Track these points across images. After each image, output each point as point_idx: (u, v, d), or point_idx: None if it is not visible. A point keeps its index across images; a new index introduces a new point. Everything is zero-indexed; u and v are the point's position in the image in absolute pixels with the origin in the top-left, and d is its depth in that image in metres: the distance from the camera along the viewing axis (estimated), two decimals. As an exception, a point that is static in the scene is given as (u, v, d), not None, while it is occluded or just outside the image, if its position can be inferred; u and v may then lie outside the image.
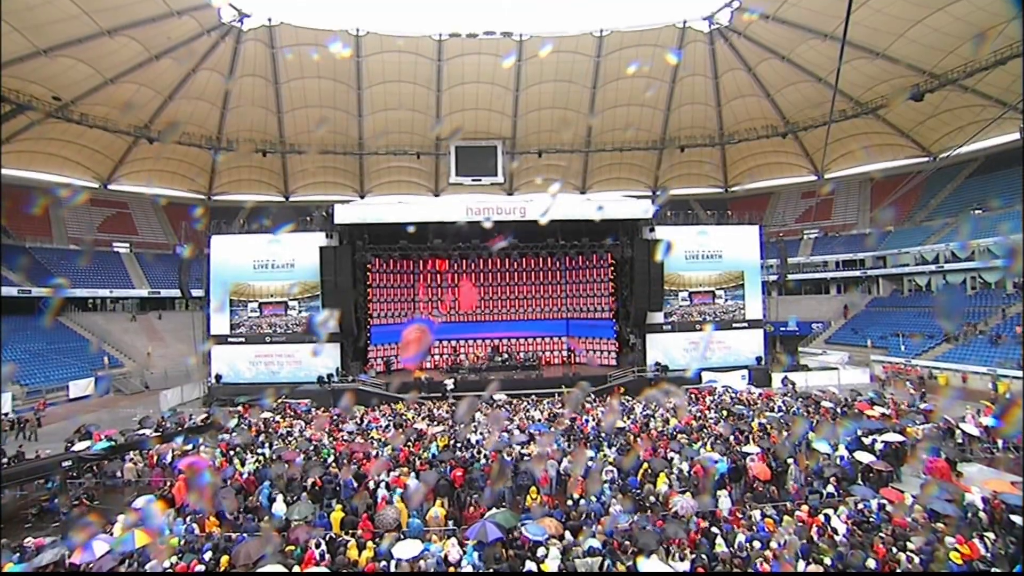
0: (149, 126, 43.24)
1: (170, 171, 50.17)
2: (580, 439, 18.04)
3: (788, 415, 19.86)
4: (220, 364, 28.72)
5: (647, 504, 12.93)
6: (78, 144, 43.69)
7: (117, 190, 49.11)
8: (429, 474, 14.90)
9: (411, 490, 14.28)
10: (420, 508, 13.36)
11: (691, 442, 17.11)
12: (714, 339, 30.70)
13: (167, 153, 47.20)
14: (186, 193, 52.83)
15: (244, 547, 10.63)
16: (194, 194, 53.12)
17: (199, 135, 45.56)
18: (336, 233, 28.22)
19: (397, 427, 20.57)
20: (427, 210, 27.52)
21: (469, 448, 17.72)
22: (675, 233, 30.46)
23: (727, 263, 31.26)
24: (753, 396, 24.18)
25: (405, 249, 27.99)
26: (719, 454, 15.55)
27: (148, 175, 49.53)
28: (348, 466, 16.14)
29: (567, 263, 34.96)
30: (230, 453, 17.80)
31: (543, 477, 15.19)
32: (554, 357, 35.18)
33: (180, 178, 51.49)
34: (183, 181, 51.83)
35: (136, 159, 47.40)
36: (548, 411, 22.52)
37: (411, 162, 52.23)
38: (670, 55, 42.82)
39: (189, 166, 50.24)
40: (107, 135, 42.95)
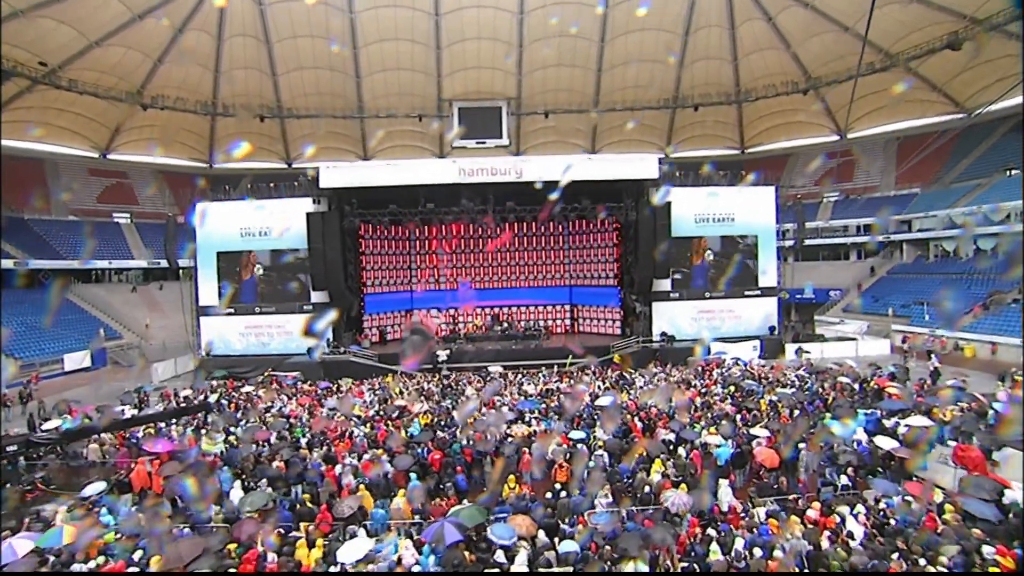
0: (142, 92, 41.60)
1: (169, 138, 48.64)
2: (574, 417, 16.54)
3: (801, 392, 18.10)
4: (210, 336, 27.68)
5: (639, 495, 11.44)
6: (72, 113, 42.23)
7: (117, 159, 47.84)
8: (403, 458, 13.57)
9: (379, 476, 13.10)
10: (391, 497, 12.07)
11: (693, 422, 15.53)
12: (724, 308, 28.78)
13: (163, 121, 45.56)
14: (187, 162, 51.41)
15: (178, 546, 9.37)
16: (195, 162, 51.69)
17: (193, 100, 43.84)
18: (324, 198, 26.56)
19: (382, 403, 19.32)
20: (417, 172, 25.66)
21: (452, 427, 16.39)
22: (684, 195, 28.22)
23: (739, 226, 29.00)
24: (764, 370, 22.41)
25: (395, 214, 26.29)
26: (723, 436, 13.96)
27: (148, 144, 48.22)
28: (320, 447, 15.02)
29: (570, 227, 33.01)
30: (202, 431, 16.72)
31: (525, 461, 13.78)
32: (556, 326, 33.65)
33: (180, 146, 49.97)
34: (183, 149, 50.32)
35: (134, 127, 45.97)
36: (543, 385, 21.06)
37: (413, 125, 49.99)
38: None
39: (188, 133, 48.63)
40: (101, 103, 41.50)
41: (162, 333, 36.00)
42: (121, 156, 48.05)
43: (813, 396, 17.49)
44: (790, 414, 15.99)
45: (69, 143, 45.04)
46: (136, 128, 46.21)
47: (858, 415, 15.04)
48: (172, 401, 21.13)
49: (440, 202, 26.10)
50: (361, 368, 25.32)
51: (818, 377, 20.03)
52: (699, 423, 15.43)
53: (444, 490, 12.54)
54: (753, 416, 15.78)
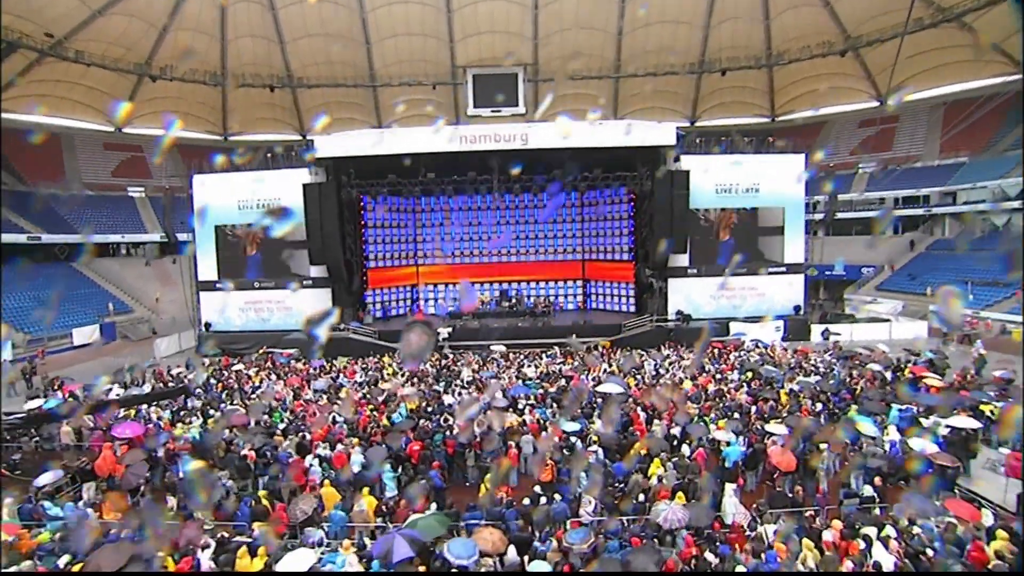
0: (149, 63, 40.63)
1: (182, 111, 47.80)
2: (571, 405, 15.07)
3: (826, 380, 16.21)
4: (209, 311, 26.98)
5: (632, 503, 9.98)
6: (84, 86, 41.72)
7: (131, 133, 47.38)
8: (376, 449, 12.35)
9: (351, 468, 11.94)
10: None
11: (702, 414, 13.91)
12: (745, 285, 26.69)
13: (175, 93, 44.69)
14: (201, 135, 50.64)
15: (103, 552, 8.34)
16: (209, 135, 50.94)
17: (203, 71, 42.75)
18: (321, 169, 25.18)
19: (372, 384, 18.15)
20: (416, 140, 23.96)
21: (442, 412, 15.14)
22: (704, 163, 25.93)
23: (765, 198, 26.61)
24: (786, 354, 20.46)
25: (394, 184, 24.78)
26: (734, 432, 12.33)
27: (162, 116, 47.59)
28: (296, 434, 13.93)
29: (583, 198, 31.03)
30: (181, 414, 15.83)
31: (512, 455, 12.43)
32: (568, 303, 32.03)
33: (193, 119, 49.14)
34: (197, 122, 49.50)
35: (146, 99, 45.21)
36: (544, 367, 19.60)
37: (427, 93, 48.05)
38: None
39: (200, 106, 47.77)
40: (111, 75, 40.79)
41: (172, 307, 35.62)
42: (136, 130, 47.60)
43: (839, 386, 15.62)
44: (812, 406, 14.25)
45: (83, 116, 44.67)
46: (148, 101, 45.52)
47: (891, 410, 13.22)
48: (163, 379, 20.42)
49: (441, 171, 24.48)
50: (360, 346, 24.26)
51: (846, 363, 18.07)
52: (709, 415, 13.81)
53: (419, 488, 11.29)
54: (770, 408, 14.07)
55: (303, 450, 13.02)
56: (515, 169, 22.46)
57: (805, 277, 27.50)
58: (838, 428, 12.64)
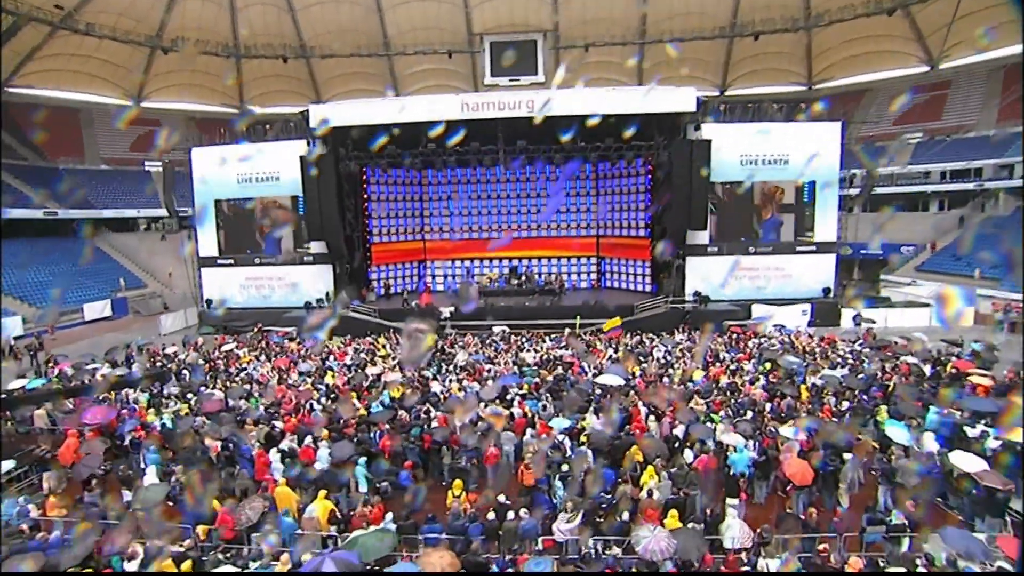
0: (160, 35, 39.78)
1: (198, 84, 47.23)
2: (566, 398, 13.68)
3: (854, 375, 14.35)
4: (211, 288, 26.36)
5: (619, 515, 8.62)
6: (99, 59, 41.26)
7: (150, 107, 46.94)
8: (342, 444, 11.23)
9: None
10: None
11: (711, 411, 12.34)
12: (770, 265, 24.56)
13: (189, 65, 43.94)
14: (218, 108, 49.97)
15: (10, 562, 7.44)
16: (226, 108, 50.21)
17: (214, 42, 41.71)
18: (319, 140, 23.91)
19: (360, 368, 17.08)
20: (415, 109, 22.38)
21: (425, 401, 13.95)
22: (728, 132, 23.65)
23: (795, 170, 24.20)
24: (811, 342, 18.50)
25: (393, 156, 23.34)
26: (744, 435, 10.77)
27: (179, 90, 47.11)
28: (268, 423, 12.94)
29: (598, 171, 29.06)
30: (159, 398, 15.06)
31: (490, 454, 11.17)
32: (581, 281, 30.39)
33: (209, 91, 48.50)
34: (213, 95, 48.82)
35: (161, 73, 44.70)
36: (545, 352, 18.19)
37: (444, 62, 46.14)
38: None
39: (215, 78, 46.92)
40: (125, 49, 40.19)
41: (184, 282, 35.35)
42: (154, 103, 47.16)
43: (869, 381, 13.76)
44: (836, 405, 12.51)
45: (100, 91, 44.40)
46: (164, 74, 45.02)
47: (928, 413, 11.40)
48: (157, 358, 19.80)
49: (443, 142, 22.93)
50: (360, 325, 23.27)
51: (878, 355, 16.08)
52: (718, 413, 12.23)
53: (380, 490, 10.15)
54: (788, 406, 12.37)
55: (272, 442, 12.07)
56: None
57: (836, 257, 25.15)
58: (865, 433, 10.98)
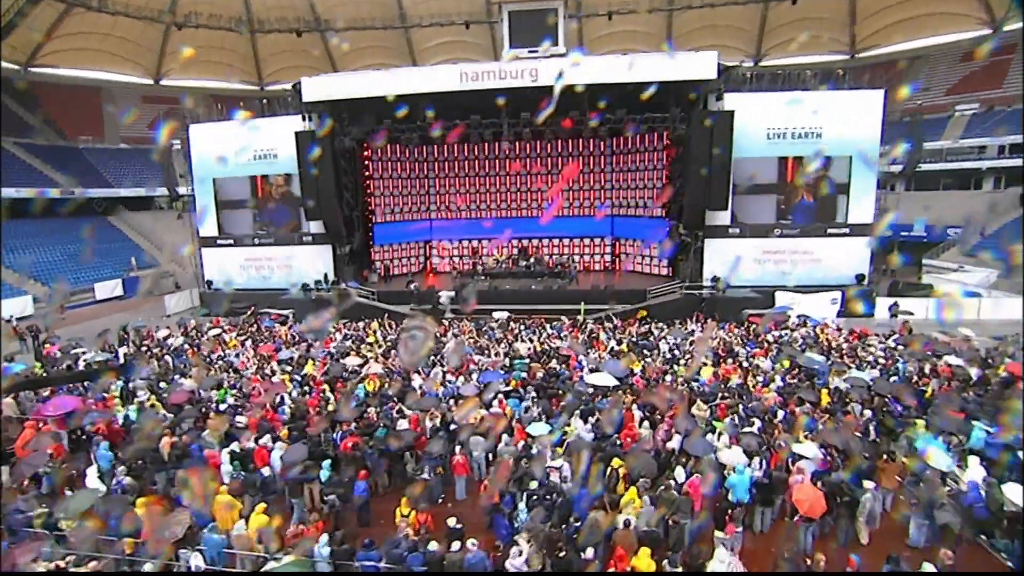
0: (173, 10, 38.98)
1: (215, 61, 46.46)
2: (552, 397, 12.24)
3: (886, 377, 12.39)
4: (211, 269, 25.69)
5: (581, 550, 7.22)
6: (116, 37, 40.90)
7: (168, 85, 46.59)
8: (295, 448, 10.08)
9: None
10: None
11: (714, 418, 10.72)
12: (797, 248, 22.27)
13: (204, 42, 43.14)
14: (238, 84, 49.34)
15: None
16: (246, 85, 49.56)
17: (227, 17, 40.73)
18: (315, 115, 22.60)
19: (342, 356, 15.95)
20: (411, 80, 20.76)
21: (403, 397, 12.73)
22: (754, 102, 21.27)
23: (828, 144, 21.56)
24: (839, 336, 16.44)
25: (390, 131, 21.87)
26: (749, 451, 9.14)
27: (197, 67, 46.50)
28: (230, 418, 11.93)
29: (613, 145, 26.98)
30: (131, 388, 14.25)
31: (456, 463, 9.86)
32: (595, 263, 28.59)
33: (228, 68, 47.81)
34: (232, 72, 48.18)
35: (177, 50, 44.08)
36: (539, 343, 16.69)
37: (461, 34, 44.15)
38: None
39: (231, 54, 46.25)
40: (140, 26, 39.66)
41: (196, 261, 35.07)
42: (173, 81, 46.77)
43: (903, 386, 11.80)
44: (860, 414, 10.69)
45: (120, 69, 44.16)
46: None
47: (974, 430, 9.51)
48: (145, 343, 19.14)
49: (442, 115, 21.30)
50: (358, 308, 22.18)
51: (915, 353, 13.97)
52: (723, 421, 10.59)
53: (328, 503, 8.97)
54: (805, 414, 10.62)
55: (230, 440, 11.04)
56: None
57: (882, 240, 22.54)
58: (895, 452, 9.20)
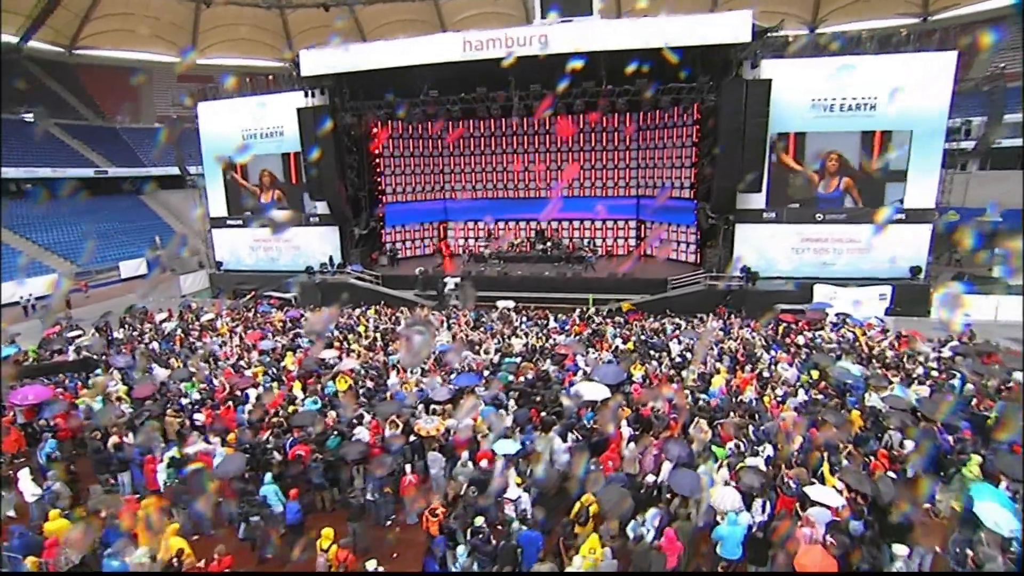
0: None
1: (247, 39, 46.22)
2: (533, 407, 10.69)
3: (937, 397, 10.09)
4: (222, 250, 25.22)
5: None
6: (151, 17, 40.99)
7: (203, 64, 46.62)
8: (231, 457, 8.97)
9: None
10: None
11: (716, 441, 8.91)
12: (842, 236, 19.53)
13: (233, 19, 42.85)
14: (271, 62, 48.86)
15: None
16: (278, 62, 49.05)
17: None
18: (319, 90, 21.35)
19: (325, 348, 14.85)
20: (410, 51, 19.02)
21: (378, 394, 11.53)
22: (796, 68, 18.49)
23: (885, 117, 18.63)
24: (882, 340, 14.00)
25: (391, 106, 20.36)
26: (749, 491, 7.35)
27: (230, 45, 46.43)
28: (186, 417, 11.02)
29: (640, 120, 24.57)
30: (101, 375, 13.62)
31: (407, 483, 8.51)
32: (618, 248, 26.49)
33: (260, 45, 47.50)
34: (264, 49, 47.83)
35: (209, 28, 44.06)
36: (536, 337, 15.06)
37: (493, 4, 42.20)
38: None
39: (262, 31, 45.83)
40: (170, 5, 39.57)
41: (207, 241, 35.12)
42: (208, 60, 46.79)
43: (959, 411, 9.53)
44: (898, 447, 8.61)
45: (156, 49, 44.40)
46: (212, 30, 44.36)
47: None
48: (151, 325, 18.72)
49: (447, 89, 19.61)
50: (361, 292, 21.16)
51: (977, 367, 11.48)
52: (726, 446, 8.78)
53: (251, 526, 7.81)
54: (827, 444, 8.61)
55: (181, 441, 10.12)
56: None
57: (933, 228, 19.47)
58: (941, 501, 7.20)
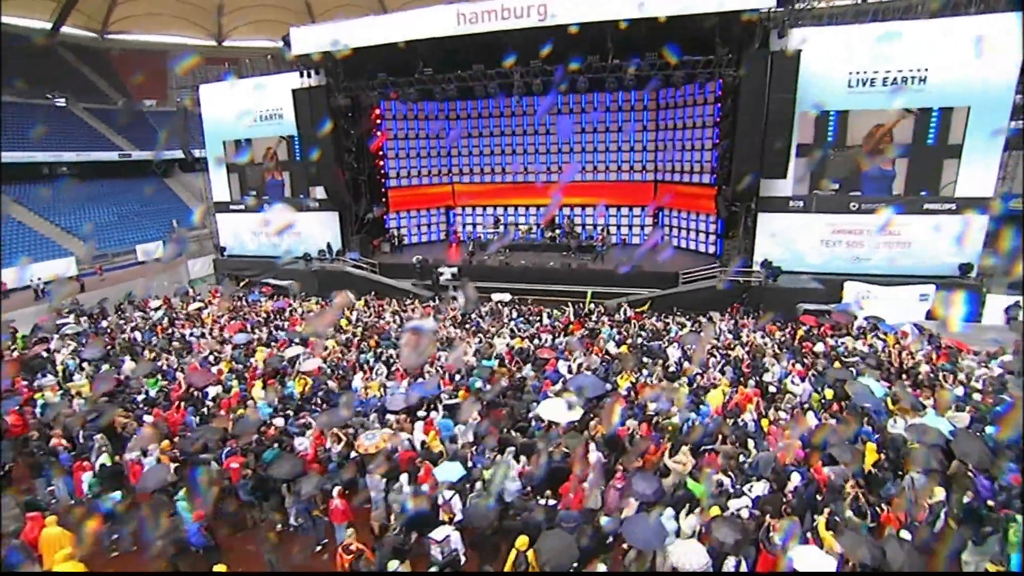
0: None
1: (270, 20, 45.73)
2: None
3: (978, 434, 8.22)
4: (226, 234, 24.77)
5: None
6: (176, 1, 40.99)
7: (229, 46, 46.56)
8: (156, 469, 8.11)
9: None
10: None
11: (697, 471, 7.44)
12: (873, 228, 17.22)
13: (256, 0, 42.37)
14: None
15: None
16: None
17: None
18: (316, 70, 20.33)
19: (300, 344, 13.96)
20: (400, 25, 17.60)
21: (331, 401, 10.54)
22: (831, 37, 16.19)
23: (936, 93, 16.14)
24: (919, 350, 11.97)
25: (383, 85, 19.12)
26: (722, 547, 5.92)
27: (256, 27, 46.12)
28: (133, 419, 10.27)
29: (659, 99, 22.54)
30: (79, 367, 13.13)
31: (335, 509, 7.44)
32: (634, 236, 24.66)
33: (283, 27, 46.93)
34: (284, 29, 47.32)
35: (234, 9, 43.77)
36: (523, 337, 13.72)
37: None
38: None
39: (284, 11, 45.13)
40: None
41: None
42: (234, 42, 46.69)
43: (1003, 449, 7.67)
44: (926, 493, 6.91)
45: (184, 32, 44.50)
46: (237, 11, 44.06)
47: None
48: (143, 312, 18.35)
49: (441, 66, 18.19)
50: (358, 281, 20.27)
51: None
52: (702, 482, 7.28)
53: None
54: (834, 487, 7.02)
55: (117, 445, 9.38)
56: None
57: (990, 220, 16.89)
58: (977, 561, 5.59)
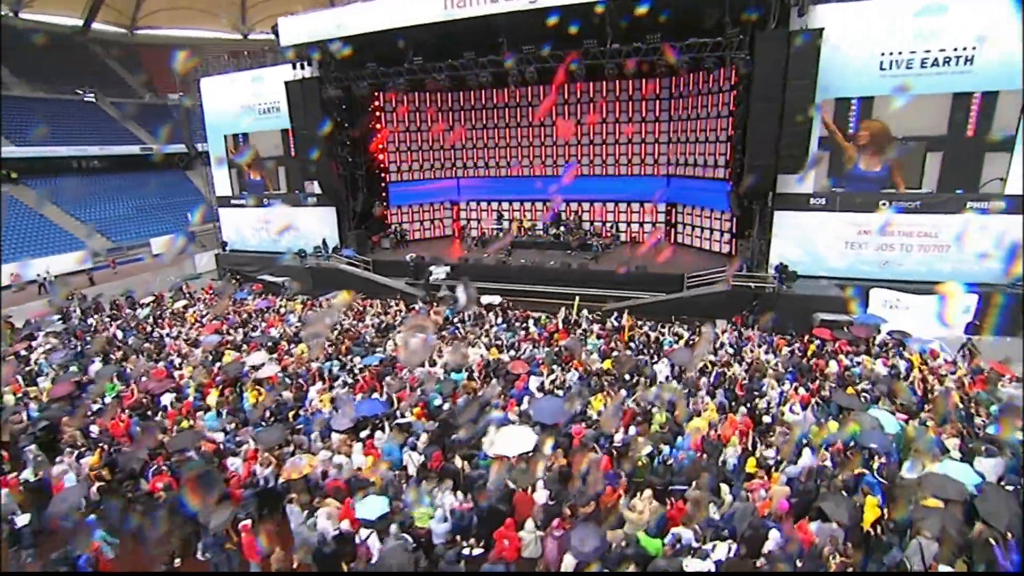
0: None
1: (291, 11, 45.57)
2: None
3: (1012, 487, 6.72)
4: (228, 229, 24.48)
5: None
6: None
7: (255, 39, 46.65)
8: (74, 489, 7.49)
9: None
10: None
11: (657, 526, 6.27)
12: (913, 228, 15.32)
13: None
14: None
15: None
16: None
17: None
18: (308, 62, 19.59)
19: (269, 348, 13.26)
20: (385, 13, 16.58)
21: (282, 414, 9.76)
22: (859, 14, 14.35)
23: (984, 75, 14.04)
24: (947, 374, 10.27)
25: (375, 76, 18.16)
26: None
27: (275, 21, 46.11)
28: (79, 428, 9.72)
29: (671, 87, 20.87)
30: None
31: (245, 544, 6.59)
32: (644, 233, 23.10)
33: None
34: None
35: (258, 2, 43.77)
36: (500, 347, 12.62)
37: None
38: None
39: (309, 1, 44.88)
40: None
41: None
42: (260, 35, 46.71)
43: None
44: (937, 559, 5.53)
45: (210, 26, 44.83)
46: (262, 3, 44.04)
47: None
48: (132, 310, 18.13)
49: (431, 55, 17.12)
50: (350, 279, 19.57)
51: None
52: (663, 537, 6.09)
53: None
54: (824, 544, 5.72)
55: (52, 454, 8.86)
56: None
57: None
58: None
